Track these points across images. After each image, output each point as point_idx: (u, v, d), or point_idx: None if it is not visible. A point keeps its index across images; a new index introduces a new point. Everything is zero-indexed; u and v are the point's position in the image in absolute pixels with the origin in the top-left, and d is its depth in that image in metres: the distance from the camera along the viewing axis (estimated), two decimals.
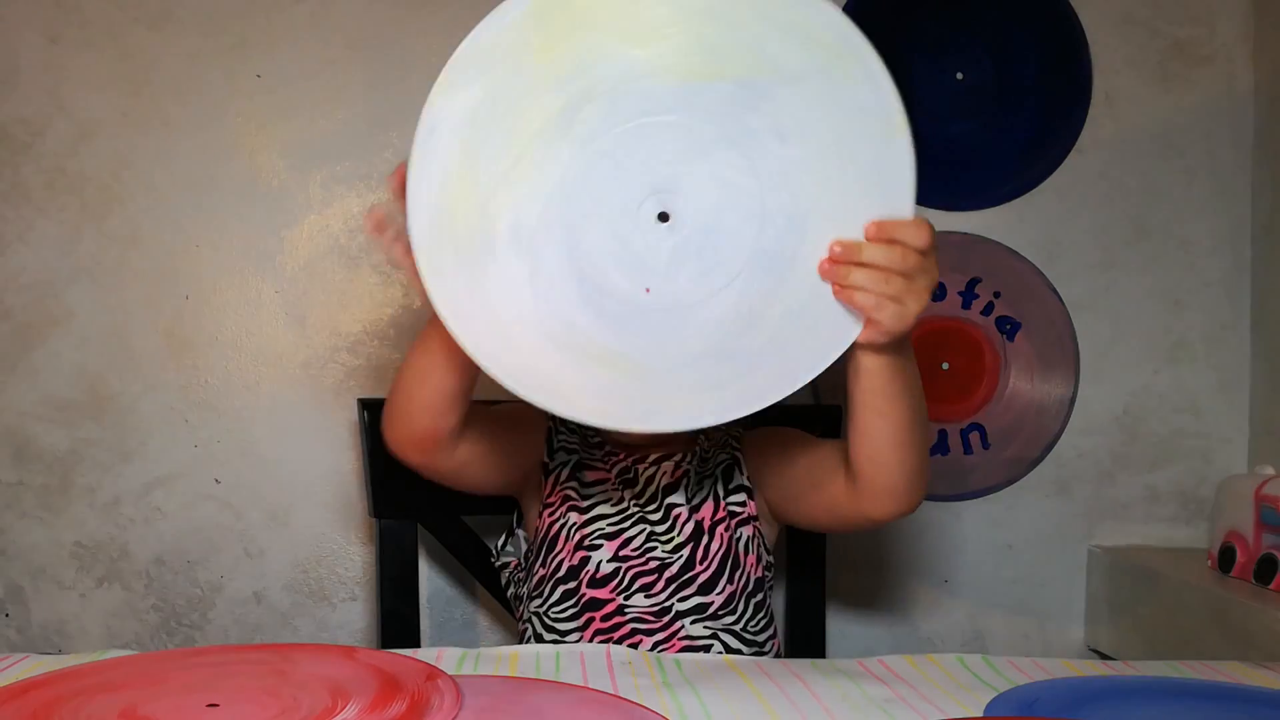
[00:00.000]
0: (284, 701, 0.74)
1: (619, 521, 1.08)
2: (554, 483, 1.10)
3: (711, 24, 0.68)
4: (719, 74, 0.70)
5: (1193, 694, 0.82)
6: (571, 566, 1.07)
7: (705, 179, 0.73)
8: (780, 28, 0.69)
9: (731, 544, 1.09)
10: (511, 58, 0.69)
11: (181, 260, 1.41)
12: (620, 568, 1.06)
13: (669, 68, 0.70)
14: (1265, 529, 1.31)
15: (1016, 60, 1.50)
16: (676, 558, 1.07)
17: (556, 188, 0.71)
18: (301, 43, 1.41)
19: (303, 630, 1.44)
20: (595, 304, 0.75)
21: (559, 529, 1.08)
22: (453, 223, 0.70)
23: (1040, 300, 1.51)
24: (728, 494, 1.10)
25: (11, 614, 1.41)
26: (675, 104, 0.70)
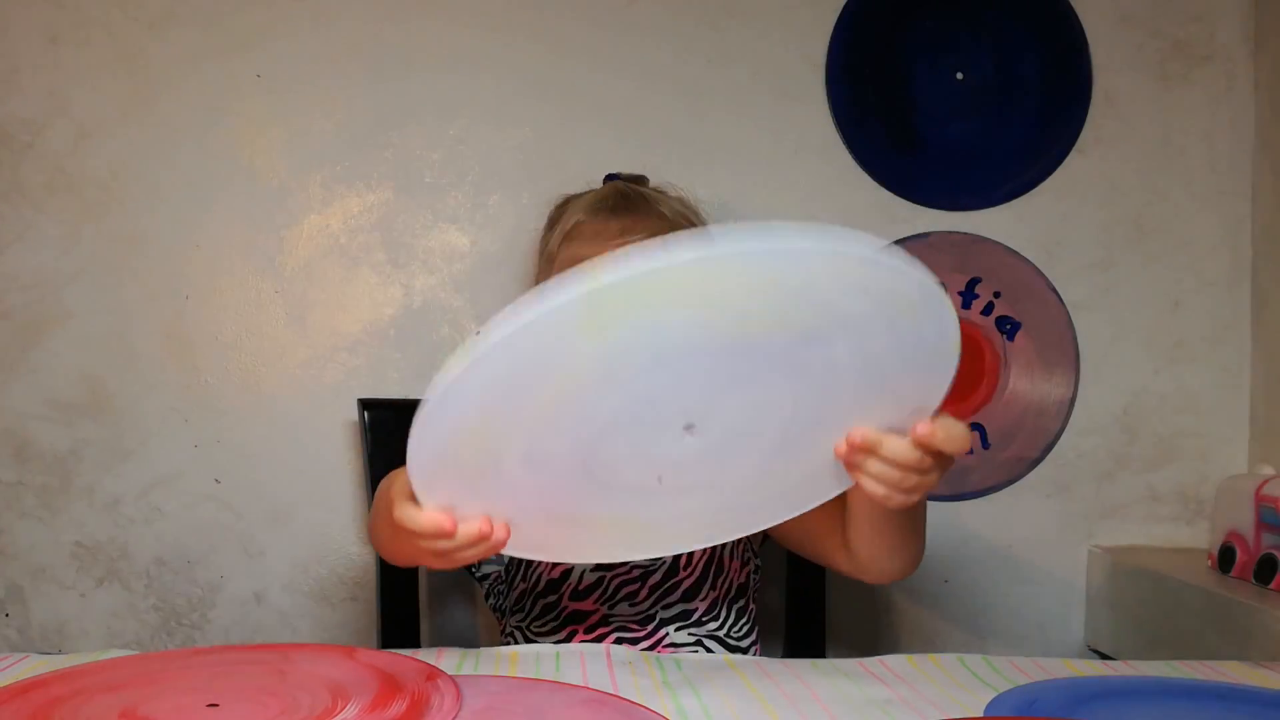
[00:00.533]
0: (284, 701, 0.74)
1: None
2: None
3: (778, 290, 0.62)
4: (781, 326, 0.64)
5: (1193, 694, 0.82)
6: (551, 580, 1.06)
7: (741, 400, 0.68)
8: (852, 287, 0.63)
9: (716, 549, 1.08)
10: (555, 333, 0.62)
11: (181, 260, 1.41)
12: (604, 577, 1.05)
13: (730, 324, 0.63)
14: (1265, 529, 1.31)
15: (1016, 60, 1.50)
16: (659, 564, 1.06)
17: (585, 427, 0.66)
18: (301, 43, 1.41)
19: (303, 630, 1.44)
20: (603, 494, 0.71)
21: None
22: (458, 457, 0.66)
23: (1040, 300, 1.51)
24: None
25: (11, 614, 1.41)
26: (728, 352, 0.65)
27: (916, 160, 1.49)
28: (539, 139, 1.45)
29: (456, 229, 1.45)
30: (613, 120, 1.45)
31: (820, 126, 1.48)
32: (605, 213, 1.07)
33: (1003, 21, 1.49)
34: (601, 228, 1.05)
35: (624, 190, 1.10)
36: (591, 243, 1.03)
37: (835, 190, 1.48)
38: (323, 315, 1.43)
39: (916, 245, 1.49)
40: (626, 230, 1.03)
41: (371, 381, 1.43)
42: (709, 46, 1.46)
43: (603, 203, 1.09)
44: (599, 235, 1.04)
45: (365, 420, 1.25)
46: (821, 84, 1.47)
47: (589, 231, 1.06)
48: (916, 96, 1.49)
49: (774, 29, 1.47)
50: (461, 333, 1.44)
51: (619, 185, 1.13)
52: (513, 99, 1.44)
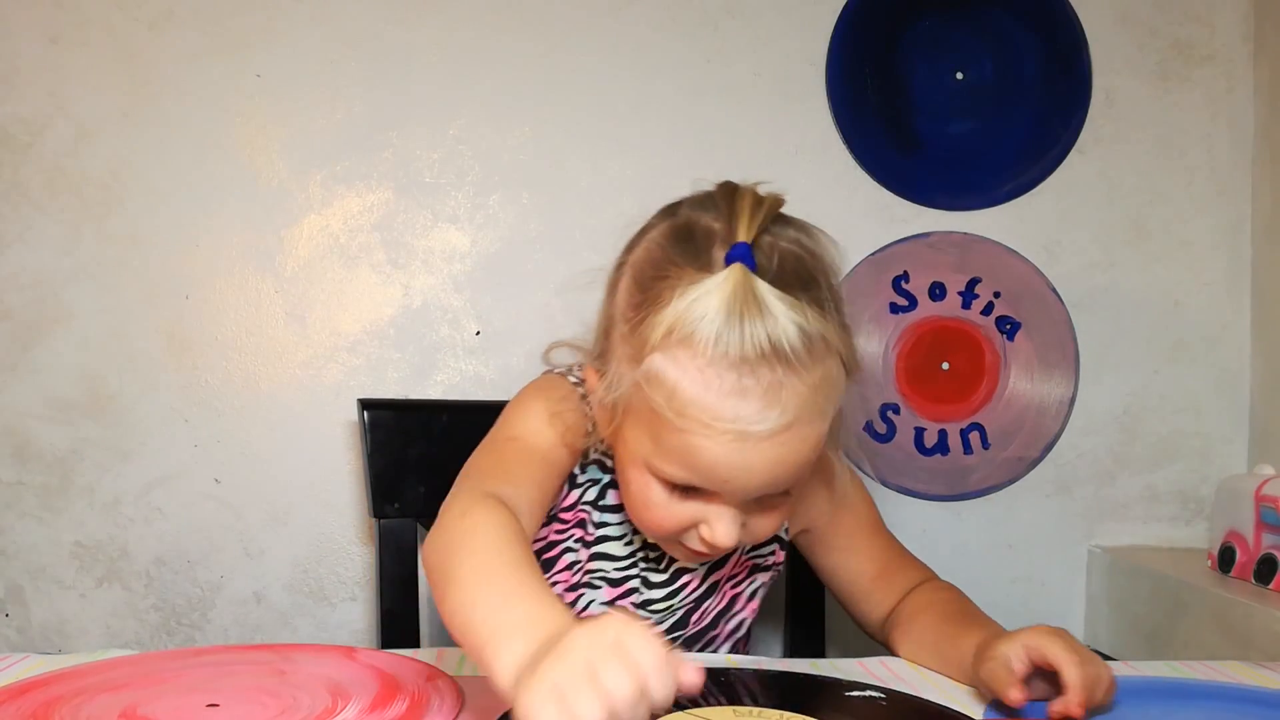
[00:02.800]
0: (284, 701, 0.74)
1: (626, 568, 0.99)
2: (579, 496, 0.98)
3: None
4: None
5: (1193, 694, 0.82)
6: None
7: None
8: None
9: (734, 599, 1.03)
10: None
11: (181, 260, 1.41)
12: (609, 610, 0.98)
13: None
14: (1265, 529, 1.31)
15: (1016, 60, 1.50)
16: (671, 619, 1.00)
17: None
18: (301, 43, 1.41)
19: (303, 630, 1.44)
20: None
21: (560, 552, 1.00)
22: None
23: (1040, 300, 1.51)
24: (755, 546, 1.01)
25: (11, 614, 1.41)
26: None
27: (916, 160, 1.49)
28: (539, 139, 1.45)
29: (456, 229, 1.44)
30: (612, 120, 1.45)
31: (820, 126, 1.48)
32: (723, 351, 0.77)
33: (1003, 21, 1.49)
34: (714, 381, 0.78)
35: (755, 311, 0.77)
36: (701, 392, 0.78)
37: (835, 190, 1.48)
38: (323, 315, 1.43)
39: (916, 245, 1.49)
40: (748, 409, 0.78)
41: (371, 381, 1.43)
42: (709, 46, 1.46)
43: (723, 330, 0.77)
44: (708, 391, 0.78)
45: (365, 420, 1.25)
46: (821, 84, 1.47)
47: (696, 376, 0.78)
48: (916, 96, 1.49)
49: (774, 29, 1.47)
50: (461, 333, 1.44)
51: (749, 291, 0.77)
52: (513, 99, 1.44)
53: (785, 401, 0.78)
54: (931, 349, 1.50)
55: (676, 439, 0.80)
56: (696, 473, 0.81)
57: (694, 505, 0.85)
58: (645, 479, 0.85)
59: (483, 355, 1.44)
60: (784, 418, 0.78)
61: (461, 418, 1.29)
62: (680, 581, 1.00)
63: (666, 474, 0.83)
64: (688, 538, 0.88)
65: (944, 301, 1.50)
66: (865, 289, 1.49)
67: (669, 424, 0.80)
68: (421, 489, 1.26)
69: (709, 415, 0.78)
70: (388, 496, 1.25)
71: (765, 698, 0.78)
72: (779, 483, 0.83)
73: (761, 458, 0.79)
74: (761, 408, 0.78)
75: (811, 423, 0.80)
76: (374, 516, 1.26)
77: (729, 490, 0.82)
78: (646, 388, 0.80)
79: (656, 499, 0.85)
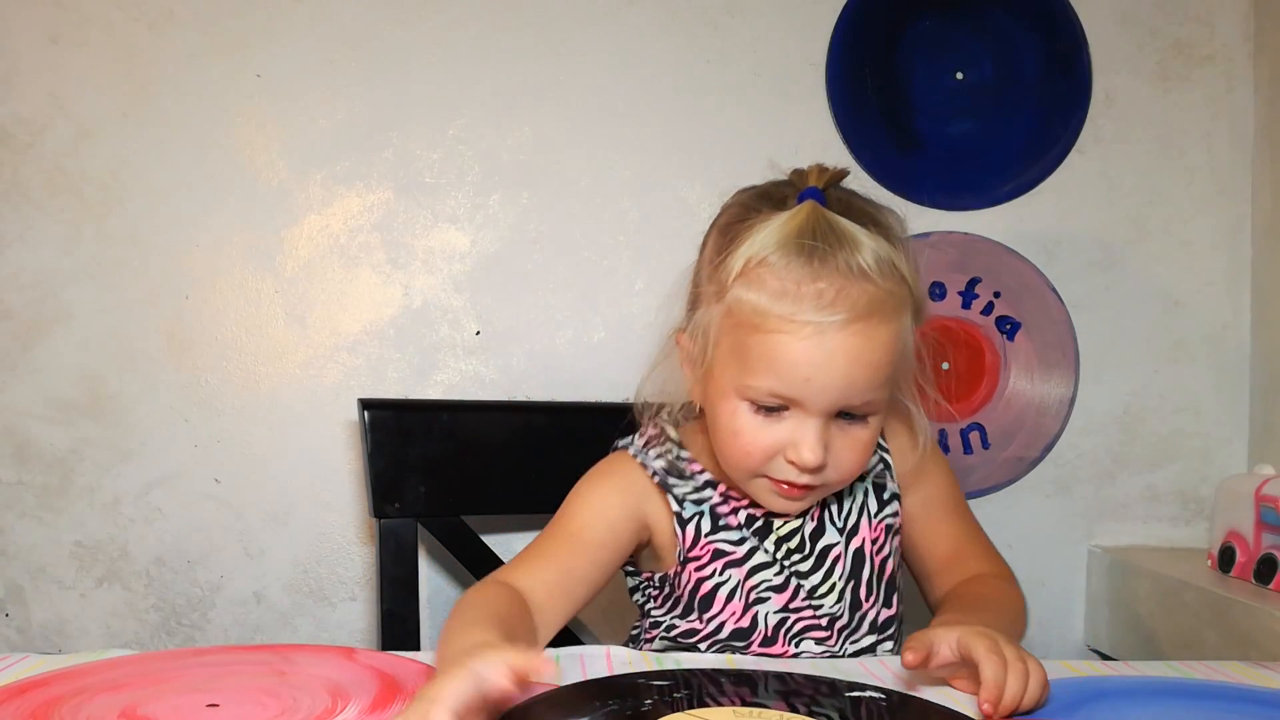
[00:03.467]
0: (284, 702, 0.74)
1: (780, 571, 0.99)
2: (695, 534, 0.99)
3: None
4: None
5: (1193, 694, 0.82)
6: (739, 629, 0.99)
7: None
8: None
9: (886, 564, 1.03)
10: None
11: (181, 260, 1.41)
12: (789, 618, 0.99)
13: None
14: (1265, 529, 1.31)
15: (1016, 60, 1.50)
16: (841, 605, 1.00)
17: None
18: (301, 43, 1.41)
19: (303, 630, 1.44)
20: None
21: (714, 588, 0.99)
22: None
23: (1040, 300, 1.51)
24: (882, 506, 1.03)
25: (11, 614, 1.41)
26: None
27: (916, 160, 1.49)
28: (539, 139, 1.45)
29: (456, 229, 1.45)
30: (612, 120, 1.45)
31: (820, 126, 1.48)
32: (799, 263, 0.88)
33: (1003, 21, 1.49)
34: (792, 286, 0.87)
35: (824, 229, 0.89)
36: (779, 303, 0.87)
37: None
38: (323, 315, 1.43)
39: (916, 245, 1.48)
40: (824, 302, 0.87)
41: (371, 381, 1.43)
42: (709, 46, 1.46)
43: (795, 243, 0.88)
44: (787, 295, 0.87)
45: (365, 420, 1.25)
46: (821, 84, 1.47)
47: (775, 284, 0.88)
48: (916, 96, 1.49)
49: (774, 29, 1.47)
50: (461, 333, 1.44)
51: (818, 216, 0.89)
52: (513, 99, 1.44)
53: (855, 298, 0.87)
54: (931, 349, 1.49)
55: (760, 347, 0.88)
56: (780, 375, 0.88)
57: (780, 428, 0.91)
58: (733, 407, 0.92)
59: (483, 355, 1.44)
60: (855, 310, 0.87)
61: (461, 418, 1.29)
62: (829, 559, 1.00)
63: (753, 391, 0.90)
64: (776, 467, 0.92)
65: (944, 301, 1.50)
66: None
67: (754, 334, 0.89)
68: (422, 489, 1.26)
69: (788, 313, 0.87)
70: (388, 496, 1.25)
71: (765, 698, 0.78)
72: (855, 385, 0.88)
73: (839, 350, 0.87)
74: (834, 302, 0.87)
75: (882, 325, 0.89)
76: (374, 516, 1.26)
77: (811, 391, 0.88)
78: (733, 312, 0.90)
79: (744, 424, 0.91)
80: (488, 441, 1.23)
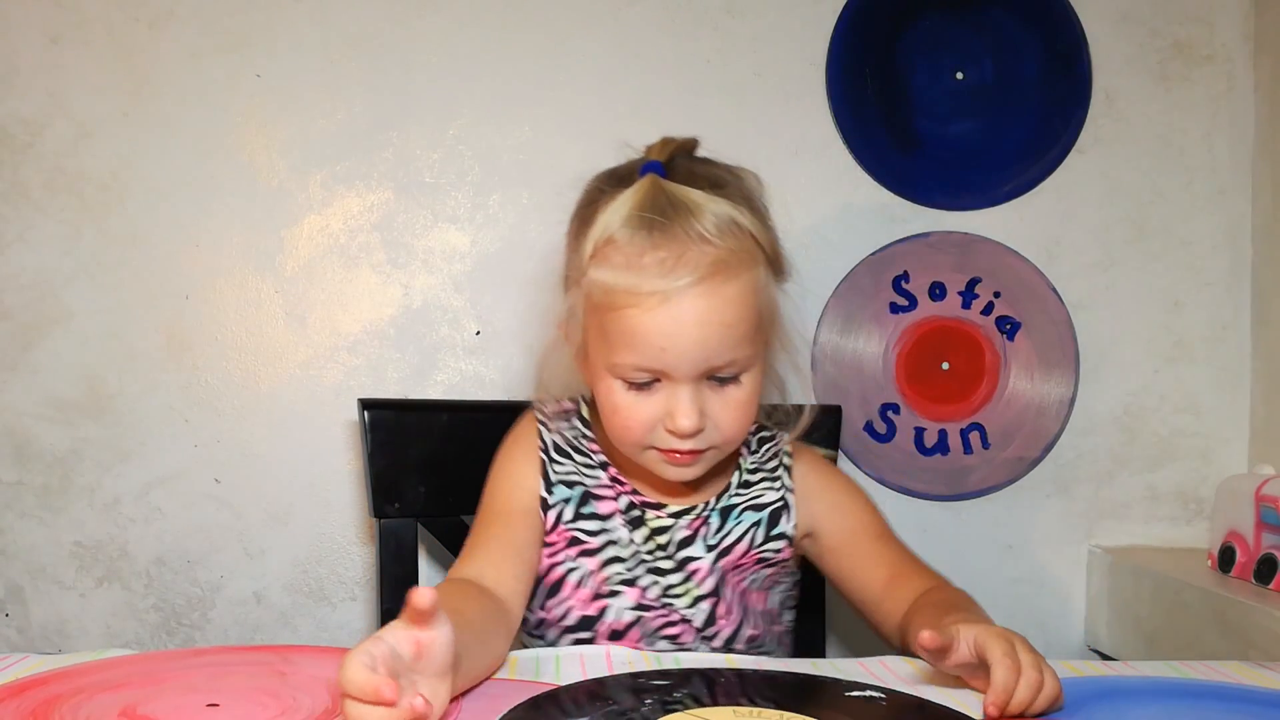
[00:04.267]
0: (284, 702, 0.74)
1: (633, 567, 1.01)
2: (555, 519, 1.02)
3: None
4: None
5: (1193, 694, 0.82)
6: (586, 616, 1.01)
7: None
8: None
9: (749, 595, 1.04)
10: None
11: (181, 260, 1.41)
12: (642, 617, 1.01)
13: None
14: (1265, 529, 1.31)
15: (1016, 60, 1.50)
16: (696, 611, 1.01)
17: None
18: (301, 43, 1.41)
19: (303, 630, 1.44)
20: None
21: (565, 574, 1.01)
22: None
23: (1040, 300, 1.51)
24: (766, 539, 1.04)
25: (11, 614, 1.41)
26: None
27: (916, 160, 1.49)
28: (539, 139, 1.45)
29: (456, 229, 1.45)
30: (612, 120, 1.45)
31: (820, 126, 1.48)
32: (641, 236, 0.91)
33: (1003, 21, 1.49)
34: (636, 259, 0.90)
35: (662, 201, 0.92)
36: (626, 277, 0.91)
37: (835, 190, 1.48)
38: (323, 315, 1.43)
39: (916, 245, 1.49)
40: (666, 269, 0.89)
41: (371, 381, 1.43)
42: (709, 46, 1.46)
43: (638, 217, 0.91)
44: (632, 268, 0.90)
45: (365, 420, 1.25)
46: (821, 84, 1.47)
47: (621, 260, 0.91)
48: (916, 96, 1.49)
49: (774, 29, 1.47)
50: (461, 332, 1.44)
51: (656, 189, 0.93)
52: (513, 99, 1.44)
53: (696, 261, 0.90)
54: (931, 349, 1.50)
55: (616, 324, 0.91)
56: (637, 349, 0.91)
57: (654, 400, 0.93)
58: (609, 384, 0.95)
59: (483, 355, 1.44)
60: (697, 272, 0.89)
61: (461, 418, 1.29)
62: (689, 569, 1.02)
63: (620, 368, 0.93)
64: (659, 438, 0.95)
65: (944, 301, 1.50)
66: (865, 289, 1.49)
67: (609, 312, 0.92)
68: (422, 489, 1.26)
69: (635, 288, 0.90)
70: (388, 496, 1.25)
71: (765, 698, 0.78)
72: (710, 345, 0.91)
73: (687, 315, 0.89)
74: (675, 268, 0.89)
75: (728, 283, 0.90)
76: (374, 516, 1.26)
77: (670, 360, 0.91)
78: (590, 295, 0.93)
79: (621, 401, 0.94)
80: (488, 441, 1.23)
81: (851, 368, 1.49)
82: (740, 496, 1.04)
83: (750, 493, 1.05)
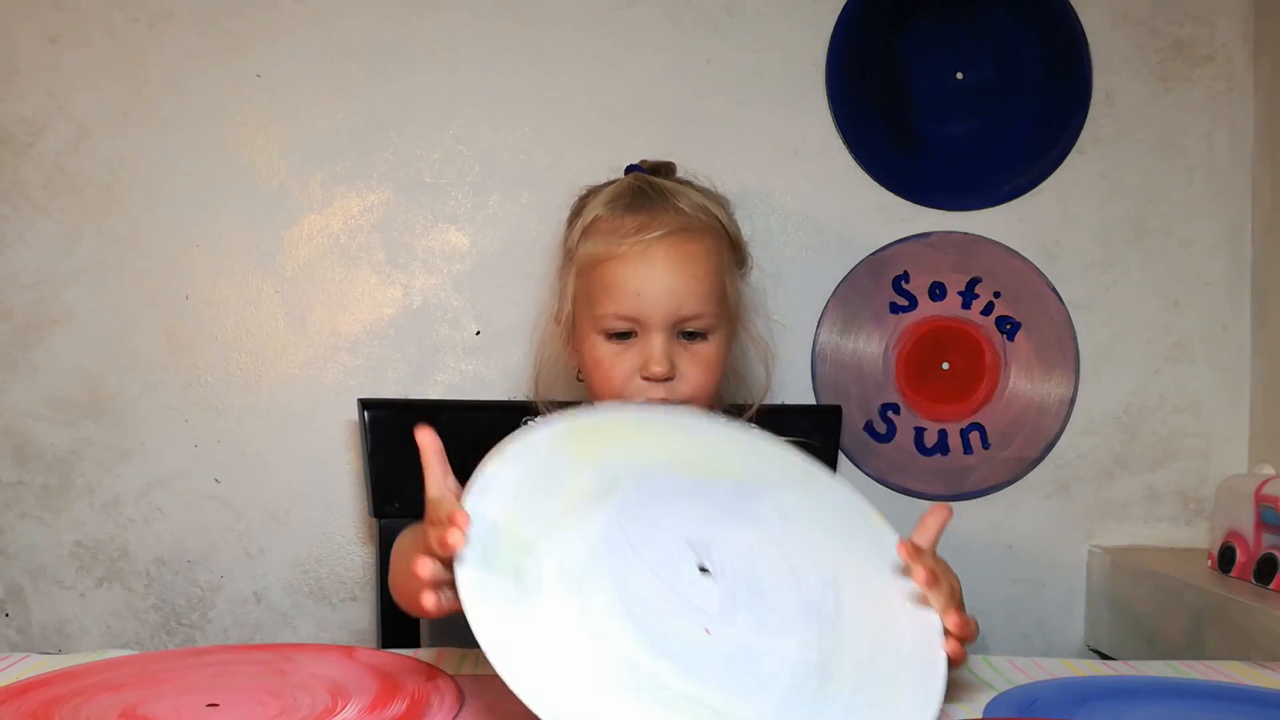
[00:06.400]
0: (284, 701, 0.74)
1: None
2: None
3: (695, 444, 0.87)
4: (720, 475, 0.85)
5: (1193, 694, 0.82)
6: None
7: (733, 544, 0.79)
8: (755, 454, 0.89)
9: None
10: (554, 450, 0.81)
11: (181, 260, 1.41)
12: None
13: (682, 464, 0.84)
14: (1265, 529, 1.31)
15: (1016, 60, 1.50)
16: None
17: (599, 538, 0.75)
18: (301, 43, 1.41)
19: (303, 630, 1.44)
20: (654, 641, 0.71)
21: None
22: (499, 559, 0.71)
23: (1040, 300, 1.51)
24: None
25: (11, 614, 1.41)
26: (693, 490, 0.82)
27: (916, 160, 1.49)
28: (539, 139, 1.45)
29: (456, 229, 1.45)
30: (612, 120, 1.45)
31: (820, 126, 1.48)
32: (622, 208, 1.07)
33: (1003, 21, 1.49)
34: (618, 224, 1.06)
35: (642, 185, 1.10)
36: (608, 239, 1.05)
37: (835, 190, 1.48)
38: (323, 315, 1.43)
39: (916, 245, 1.49)
40: (643, 227, 1.05)
41: (371, 381, 1.43)
42: (709, 46, 1.46)
43: (620, 198, 1.09)
44: (615, 231, 1.06)
45: (365, 420, 1.25)
46: (821, 84, 1.47)
47: (605, 228, 1.07)
48: (916, 96, 1.49)
49: (774, 29, 1.47)
50: (461, 332, 1.44)
51: (637, 178, 1.12)
52: (513, 99, 1.44)
53: (669, 220, 1.05)
54: (931, 349, 1.50)
55: (601, 280, 1.04)
56: (615, 296, 1.03)
57: (632, 351, 1.04)
58: (593, 341, 1.06)
59: (483, 355, 1.44)
60: (670, 227, 1.04)
61: (461, 418, 1.29)
62: None
63: (602, 320, 1.04)
64: (635, 388, 1.04)
65: (944, 301, 1.50)
66: (865, 289, 1.49)
67: (593, 270, 1.05)
68: (421, 489, 1.26)
69: (615, 244, 1.04)
70: (388, 496, 1.25)
71: None
72: (680, 293, 1.03)
73: (659, 261, 1.03)
74: (649, 225, 1.04)
75: (697, 240, 1.05)
76: (374, 516, 1.26)
77: (645, 305, 1.02)
78: (579, 264, 1.07)
79: (603, 353, 1.05)
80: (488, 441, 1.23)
81: (851, 368, 1.49)
82: None
83: None
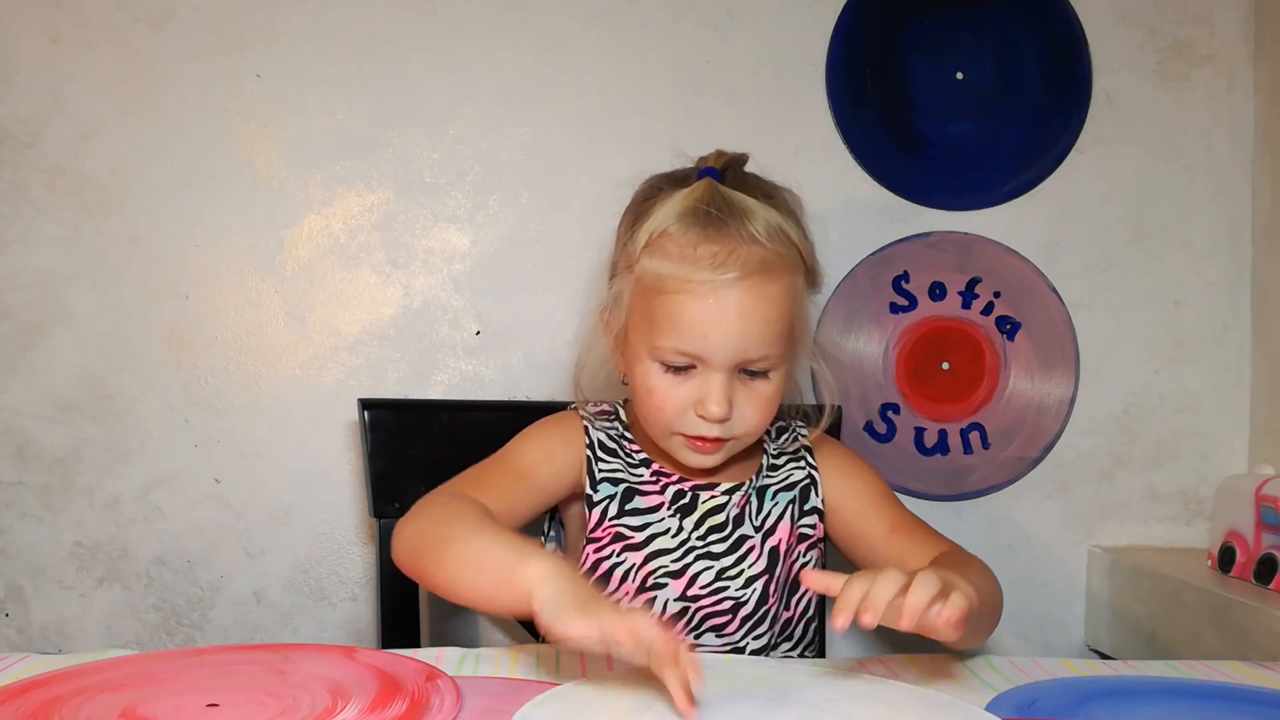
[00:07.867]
0: (284, 701, 0.74)
1: (681, 557, 1.03)
2: (600, 516, 1.04)
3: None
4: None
5: (1193, 694, 0.82)
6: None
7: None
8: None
9: (792, 569, 1.07)
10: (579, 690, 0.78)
11: (181, 260, 1.41)
12: (689, 608, 1.02)
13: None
14: (1265, 529, 1.31)
15: (1016, 60, 1.50)
16: (750, 592, 1.03)
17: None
18: (301, 43, 1.41)
19: (303, 630, 1.44)
20: None
21: (611, 568, 1.03)
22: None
23: (1040, 300, 1.51)
24: (802, 515, 1.08)
25: (11, 614, 1.41)
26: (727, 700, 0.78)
27: (916, 160, 1.49)
28: (539, 139, 1.45)
29: (456, 229, 1.45)
30: (612, 120, 1.45)
31: (820, 126, 1.48)
32: (696, 231, 0.96)
33: (1003, 21, 1.49)
34: (689, 252, 0.96)
35: (719, 201, 0.98)
36: (678, 267, 0.96)
37: (835, 190, 1.48)
38: (323, 315, 1.43)
39: (916, 245, 1.49)
40: (717, 263, 0.95)
41: (371, 381, 1.43)
42: (709, 46, 1.46)
43: (692, 215, 0.97)
44: (685, 260, 0.96)
45: (365, 420, 1.25)
46: (821, 84, 1.47)
47: (675, 252, 0.97)
48: (916, 96, 1.49)
49: (774, 29, 1.47)
50: (461, 333, 1.44)
51: (711, 187, 0.99)
52: (513, 99, 1.44)
53: (746, 258, 0.96)
54: (931, 349, 1.50)
55: (664, 308, 0.97)
56: (681, 333, 0.96)
57: (689, 385, 0.98)
58: (646, 367, 0.99)
59: (483, 355, 1.44)
60: (746, 269, 0.95)
61: (461, 418, 1.29)
62: (745, 547, 1.05)
63: (661, 351, 0.97)
64: (688, 423, 0.99)
65: (944, 301, 1.50)
66: (865, 289, 1.49)
67: (657, 297, 0.97)
68: (422, 489, 1.26)
69: (686, 276, 0.95)
70: (388, 496, 1.25)
71: None
72: (750, 339, 0.96)
73: (732, 306, 0.95)
74: (726, 261, 0.95)
75: (772, 283, 0.96)
76: (374, 516, 1.26)
77: (711, 346, 0.96)
78: (640, 280, 0.99)
79: (657, 383, 0.99)
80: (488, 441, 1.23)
81: (851, 368, 1.49)
82: (772, 478, 1.09)
83: (780, 474, 1.09)
